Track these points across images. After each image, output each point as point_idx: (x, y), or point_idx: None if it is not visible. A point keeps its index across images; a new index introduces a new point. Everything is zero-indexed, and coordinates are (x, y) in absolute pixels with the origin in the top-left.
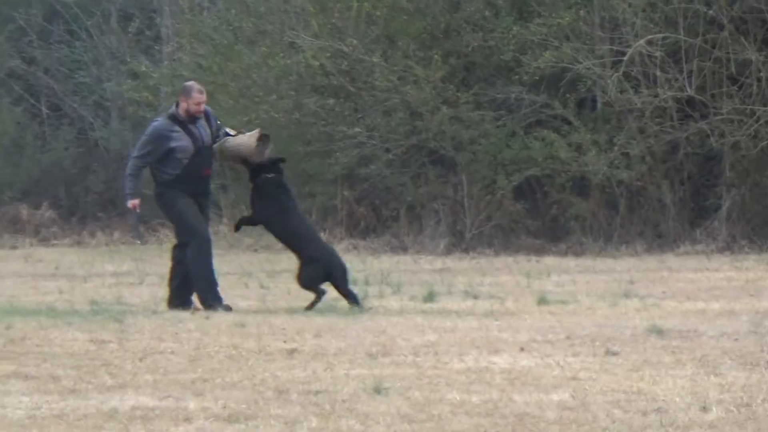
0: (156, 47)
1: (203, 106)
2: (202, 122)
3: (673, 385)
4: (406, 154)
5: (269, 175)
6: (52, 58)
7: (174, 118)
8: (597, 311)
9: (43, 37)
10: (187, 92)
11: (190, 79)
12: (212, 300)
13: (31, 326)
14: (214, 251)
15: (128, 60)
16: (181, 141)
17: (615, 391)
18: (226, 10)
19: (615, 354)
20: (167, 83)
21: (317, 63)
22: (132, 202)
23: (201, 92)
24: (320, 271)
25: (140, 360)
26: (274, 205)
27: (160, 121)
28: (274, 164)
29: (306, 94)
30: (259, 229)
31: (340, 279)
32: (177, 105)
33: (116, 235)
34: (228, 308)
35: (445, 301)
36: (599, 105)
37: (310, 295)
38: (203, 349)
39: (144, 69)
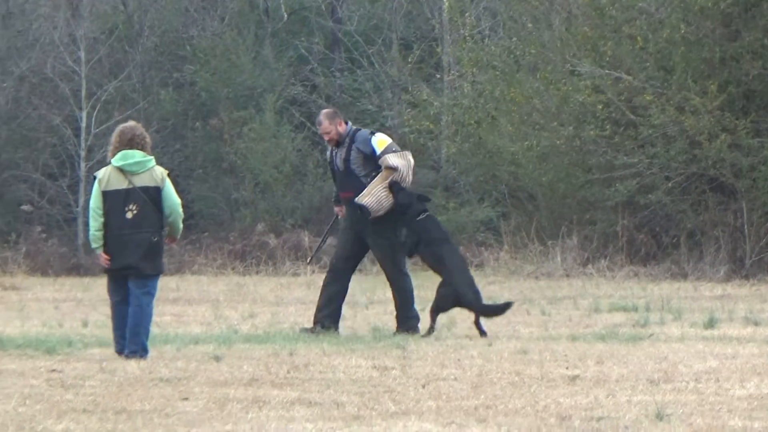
0: (437, 75)
1: (327, 137)
2: (344, 147)
3: None
4: (686, 182)
5: None
6: (333, 85)
7: None
8: None
9: (325, 64)
10: None
11: (471, 107)
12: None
13: (314, 353)
14: (496, 278)
15: (409, 88)
16: (328, 161)
17: None
18: (507, 38)
19: None
20: (448, 112)
21: (599, 106)
22: (337, 209)
23: (319, 124)
24: None
25: (423, 386)
26: None
27: None
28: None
29: (587, 121)
30: (541, 256)
31: None
32: None
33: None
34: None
35: (726, 327)
36: None
37: (595, 322)
38: (485, 375)
39: (425, 98)
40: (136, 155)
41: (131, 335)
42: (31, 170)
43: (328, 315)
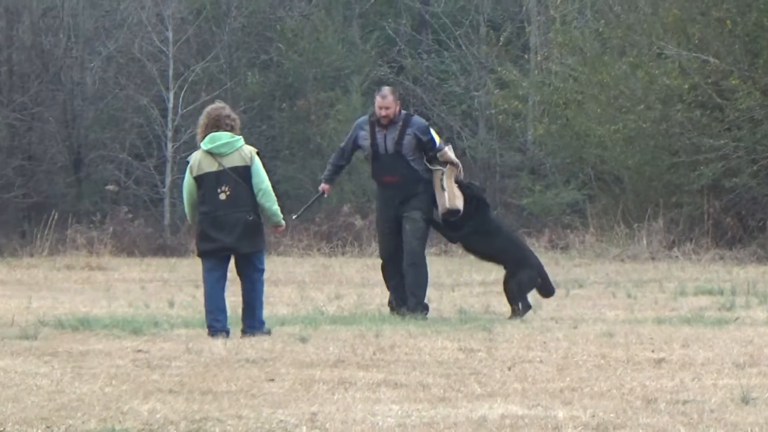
0: (525, 56)
1: (385, 112)
2: (394, 129)
3: None
4: None
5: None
6: (420, 67)
7: (369, 118)
8: None
9: (412, 46)
10: (376, 94)
11: (559, 88)
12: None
13: (400, 334)
14: (581, 261)
15: (498, 69)
16: (364, 141)
17: None
18: (595, 20)
19: None
20: (536, 92)
21: (685, 86)
22: (322, 186)
23: (383, 97)
24: None
25: (509, 369)
26: None
27: (363, 117)
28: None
29: (673, 104)
30: (627, 239)
31: None
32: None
33: None
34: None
35: None
36: None
37: (681, 306)
38: (571, 358)
39: (514, 77)
40: (224, 137)
41: (248, 313)
42: (118, 150)
43: (396, 300)
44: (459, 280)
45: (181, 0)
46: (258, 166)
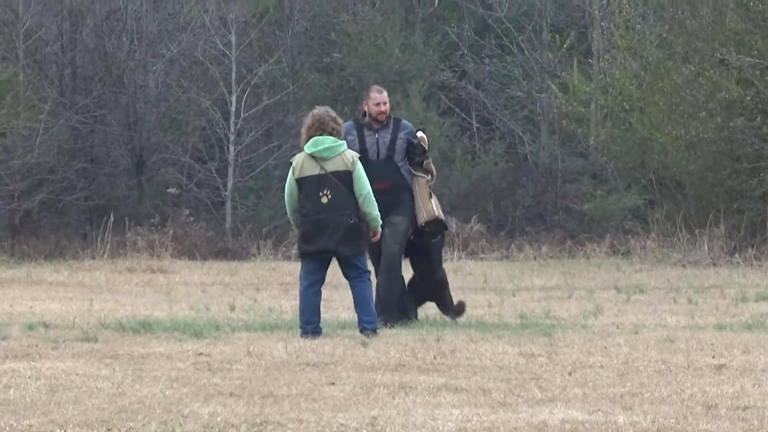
0: (588, 61)
1: (384, 107)
2: (386, 133)
3: None
4: None
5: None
6: (483, 72)
7: (356, 122)
8: None
9: (475, 50)
10: (366, 92)
11: (623, 93)
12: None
13: (461, 339)
14: (642, 266)
15: (561, 73)
16: (353, 146)
17: None
18: (658, 26)
19: None
20: (600, 96)
21: (747, 98)
22: None
23: (380, 92)
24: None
25: (569, 374)
26: None
27: (348, 122)
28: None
29: (735, 111)
30: (688, 245)
31: None
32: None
33: (544, 249)
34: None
35: None
36: None
37: (742, 312)
38: (632, 363)
39: (577, 82)
40: (327, 141)
41: (362, 309)
42: (180, 153)
43: (411, 307)
44: (520, 284)
45: (244, 3)
46: (360, 171)
